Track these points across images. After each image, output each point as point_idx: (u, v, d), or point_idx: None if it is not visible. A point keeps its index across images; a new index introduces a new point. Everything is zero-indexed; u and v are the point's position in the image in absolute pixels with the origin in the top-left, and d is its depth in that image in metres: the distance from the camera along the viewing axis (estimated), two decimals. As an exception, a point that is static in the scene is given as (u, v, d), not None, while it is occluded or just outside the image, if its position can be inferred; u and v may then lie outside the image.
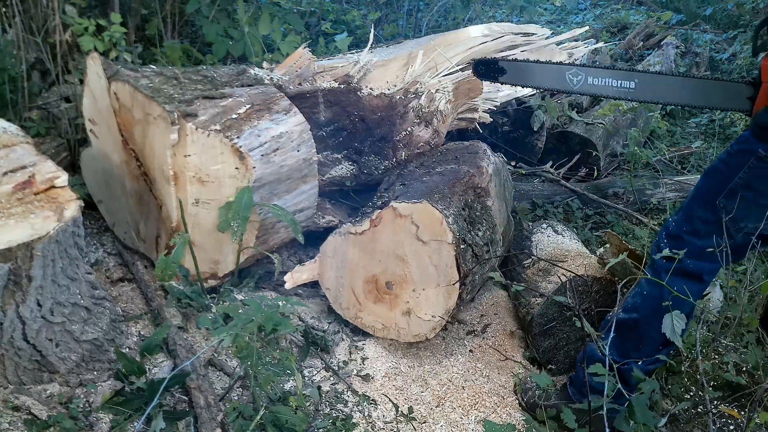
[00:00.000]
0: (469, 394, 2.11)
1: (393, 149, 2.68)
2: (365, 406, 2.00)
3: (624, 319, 1.83)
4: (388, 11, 5.04)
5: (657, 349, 1.77)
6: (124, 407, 1.68)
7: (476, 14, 5.23)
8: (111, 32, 2.77)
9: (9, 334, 1.58)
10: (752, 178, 1.64)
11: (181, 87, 2.17)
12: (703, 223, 1.74)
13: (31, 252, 1.53)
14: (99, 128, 2.31)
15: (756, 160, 1.62)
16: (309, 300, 2.43)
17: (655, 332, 1.70)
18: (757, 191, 1.65)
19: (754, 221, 1.68)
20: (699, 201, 1.76)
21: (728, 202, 1.68)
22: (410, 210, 2.06)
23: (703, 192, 1.75)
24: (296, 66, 2.57)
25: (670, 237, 1.81)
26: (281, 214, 2.13)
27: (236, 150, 2.05)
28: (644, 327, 1.79)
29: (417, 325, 2.17)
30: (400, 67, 2.83)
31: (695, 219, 1.76)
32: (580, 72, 2.12)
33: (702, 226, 1.74)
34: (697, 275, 1.76)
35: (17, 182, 1.63)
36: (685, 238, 1.77)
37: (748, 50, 5.34)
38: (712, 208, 1.71)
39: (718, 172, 1.72)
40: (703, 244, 1.73)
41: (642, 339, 1.80)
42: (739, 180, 1.66)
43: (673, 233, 1.81)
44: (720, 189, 1.69)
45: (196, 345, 2.04)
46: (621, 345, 1.82)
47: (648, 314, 1.77)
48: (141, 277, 2.26)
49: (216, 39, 3.16)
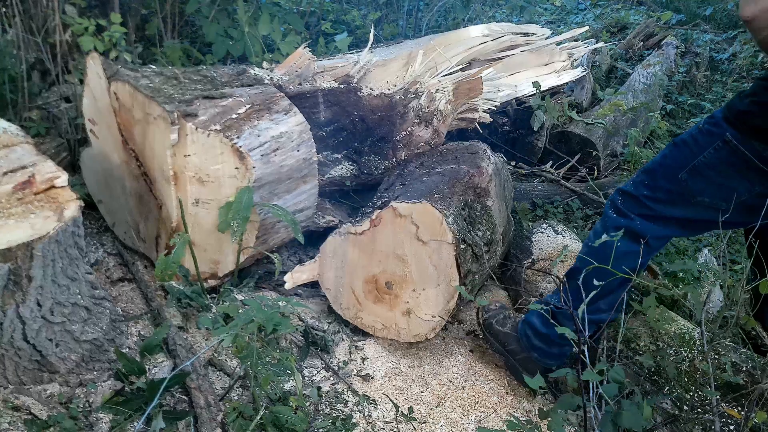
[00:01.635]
0: (469, 394, 2.11)
1: (393, 149, 2.68)
2: (365, 406, 2.00)
3: (573, 267, 1.94)
4: (388, 11, 5.04)
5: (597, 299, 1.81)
6: (124, 407, 1.68)
7: (476, 14, 5.24)
8: (111, 32, 2.77)
9: (9, 334, 1.58)
10: (716, 159, 1.69)
11: (181, 87, 2.17)
12: (664, 191, 1.80)
13: (31, 252, 1.53)
14: (99, 128, 2.31)
15: (722, 143, 1.67)
16: (309, 300, 2.43)
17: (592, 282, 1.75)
18: (718, 172, 1.70)
19: (711, 197, 1.73)
20: (663, 170, 1.81)
21: (690, 177, 1.74)
22: (410, 210, 2.06)
23: (668, 163, 1.80)
24: (296, 66, 2.57)
25: (627, 197, 1.87)
26: (281, 214, 2.13)
27: (236, 150, 2.05)
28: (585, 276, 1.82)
29: (417, 325, 2.17)
30: (400, 67, 2.84)
31: (656, 187, 1.82)
32: None
33: (662, 194, 1.81)
34: (643, 236, 1.81)
35: (17, 182, 1.63)
36: (642, 200, 1.83)
37: (749, 50, 5.34)
38: (675, 180, 1.77)
39: (686, 146, 1.77)
40: (657, 209, 1.81)
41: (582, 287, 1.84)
42: (703, 159, 1.71)
43: (632, 194, 1.87)
44: (685, 164, 1.74)
45: (196, 345, 2.04)
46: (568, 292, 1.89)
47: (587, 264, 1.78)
48: (141, 277, 2.26)
49: (216, 39, 3.16)
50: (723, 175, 1.70)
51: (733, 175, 1.68)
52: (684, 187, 1.76)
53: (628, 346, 2.04)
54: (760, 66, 5.26)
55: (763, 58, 5.27)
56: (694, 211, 1.79)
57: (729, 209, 1.71)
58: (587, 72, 4.24)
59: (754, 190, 1.67)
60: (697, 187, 1.74)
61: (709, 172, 1.71)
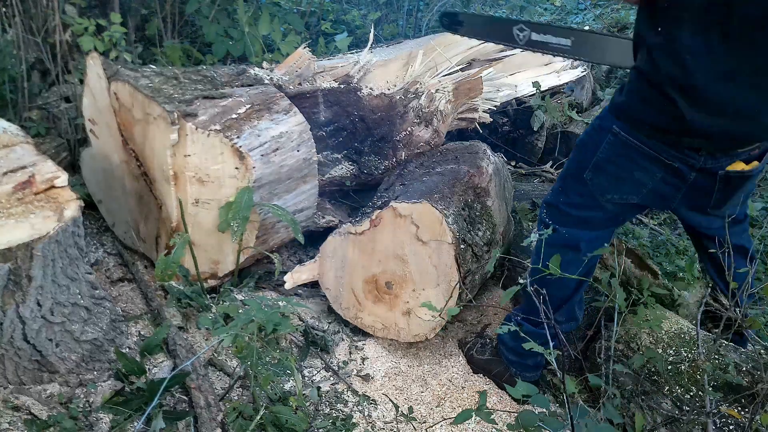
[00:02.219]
0: (469, 394, 2.11)
1: (393, 149, 2.68)
2: (365, 406, 2.00)
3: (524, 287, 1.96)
4: (388, 11, 5.04)
5: (554, 313, 1.83)
6: (124, 407, 1.68)
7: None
8: (111, 32, 2.77)
9: (9, 334, 1.58)
10: (611, 154, 1.70)
11: (181, 87, 2.17)
12: (577, 194, 1.81)
13: (31, 252, 1.53)
14: (99, 128, 2.31)
15: (612, 137, 1.68)
16: (309, 300, 2.43)
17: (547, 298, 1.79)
18: (617, 165, 1.70)
19: (619, 192, 1.74)
20: (571, 173, 1.83)
21: (594, 175, 1.74)
22: (410, 210, 2.06)
23: (575, 165, 1.82)
24: (296, 66, 2.57)
25: (549, 207, 1.89)
26: (281, 214, 2.13)
27: (236, 150, 2.05)
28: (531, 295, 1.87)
29: (417, 325, 2.17)
30: (400, 67, 2.84)
31: (569, 190, 1.83)
32: (526, 28, 2.25)
33: (576, 197, 1.81)
34: (574, 245, 1.82)
35: (17, 182, 1.63)
36: (561, 208, 1.85)
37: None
38: (582, 181, 1.77)
39: (584, 146, 1.78)
40: (578, 215, 1.82)
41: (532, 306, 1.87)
42: (601, 155, 1.71)
43: (552, 203, 1.88)
44: (587, 163, 1.75)
45: (196, 345, 2.04)
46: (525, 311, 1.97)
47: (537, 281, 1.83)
48: (141, 277, 2.26)
49: (216, 39, 3.16)
50: (622, 167, 1.70)
51: (631, 167, 1.68)
52: (591, 186, 1.77)
53: (628, 346, 2.04)
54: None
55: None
56: (608, 210, 1.80)
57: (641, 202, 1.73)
58: (587, 72, 4.23)
59: (656, 177, 1.67)
60: (602, 184, 1.75)
61: (609, 167, 1.72)
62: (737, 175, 1.64)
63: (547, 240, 1.78)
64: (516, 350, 2.05)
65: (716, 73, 1.46)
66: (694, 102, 1.50)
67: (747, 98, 1.48)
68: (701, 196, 1.70)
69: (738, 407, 1.73)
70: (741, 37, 1.42)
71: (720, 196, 1.69)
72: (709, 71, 1.46)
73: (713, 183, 1.65)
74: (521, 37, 2.29)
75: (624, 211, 1.82)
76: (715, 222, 1.86)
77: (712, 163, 1.61)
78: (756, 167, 1.65)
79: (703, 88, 1.48)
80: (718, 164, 1.61)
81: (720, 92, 1.47)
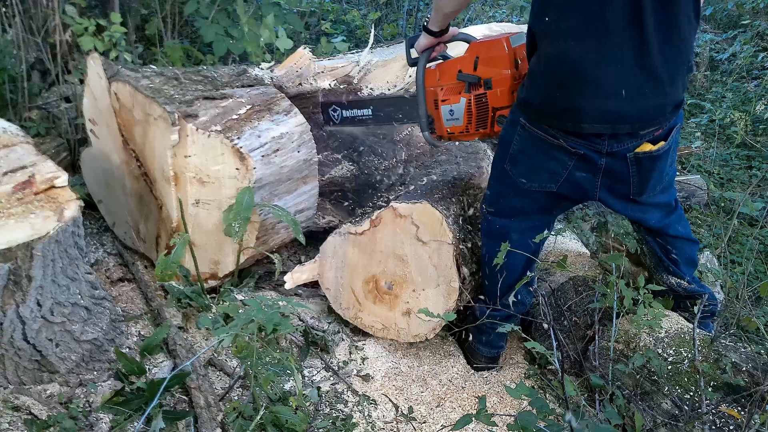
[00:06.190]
0: (469, 394, 2.11)
1: (393, 149, 2.68)
2: (365, 406, 2.00)
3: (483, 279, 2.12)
4: (388, 11, 5.04)
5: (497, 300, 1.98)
6: (124, 407, 1.68)
7: (476, 14, 5.24)
8: (111, 32, 2.77)
9: (9, 334, 1.58)
10: (523, 145, 1.76)
11: (182, 87, 2.17)
12: (503, 185, 1.89)
13: (31, 252, 1.53)
14: (99, 128, 2.31)
15: (521, 129, 1.74)
16: (309, 300, 2.43)
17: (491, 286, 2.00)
18: (529, 155, 1.76)
19: (537, 181, 1.79)
20: (496, 165, 1.91)
21: (512, 167, 1.82)
22: (410, 210, 2.06)
23: (498, 158, 1.88)
24: (296, 66, 2.57)
25: (485, 198, 2.00)
26: (281, 214, 2.13)
27: (237, 151, 2.05)
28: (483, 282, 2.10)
29: (417, 325, 2.17)
30: (400, 68, 2.83)
31: (497, 181, 1.92)
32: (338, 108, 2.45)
33: (502, 187, 1.90)
34: (504, 234, 1.90)
35: (17, 182, 1.63)
36: (493, 198, 1.95)
37: (749, 50, 5.34)
38: (504, 172, 1.85)
39: (503, 140, 1.84)
40: (506, 203, 1.90)
41: (487, 293, 2.07)
42: (515, 146, 1.78)
43: (487, 194, 1.99)
44: (506, 155, 1.82)
45: (196, 345, 2.04)
46: (484, 293, 2.12)
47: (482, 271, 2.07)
48: (141, 277, 2.26)
49: (216, 38, 3.16)
50: (534, 158, 1.75)
51: (542, 157, 1.73)
52: (512, 176, 1.83)
53: (628, 345, 2.04)
54: (760, 66, 5.27)
55: (764, 58, 5.28)
56: (535, 199, 1.85)
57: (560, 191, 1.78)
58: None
59: (567, 165, 1.71)
60: (521, 174, 1.81)
61: (522, 158, 1.78)
62: (646, 155, 1.67)
63: (483, 229, 1.95)
64: (478, 328, 2.17)
65: (603, 56, 1.51)
66: (585, 86, 1.55)
67: (635, 79, 1.53)
68: (619, 182, 1.74)
69: (738, 407, 1.74)
70: (624, 18, 1.47)
71: (637, 180, 1.73)
72: (596, 54, 1.51)
73: (626, 167, 1.69)
74: (335, 117, 2.44)
75: (550, 201, 1.86)
76: (650, 212, 1.91)
77: (618, 147, 1.65)
78: (662, 146, 1.69)
79: (593, 72, 1.53)
80: (625, 147, 1.65)
81: (608, 75, 1.52)
